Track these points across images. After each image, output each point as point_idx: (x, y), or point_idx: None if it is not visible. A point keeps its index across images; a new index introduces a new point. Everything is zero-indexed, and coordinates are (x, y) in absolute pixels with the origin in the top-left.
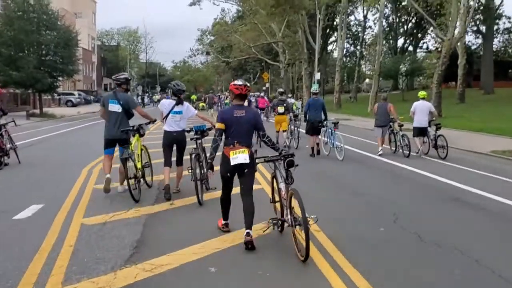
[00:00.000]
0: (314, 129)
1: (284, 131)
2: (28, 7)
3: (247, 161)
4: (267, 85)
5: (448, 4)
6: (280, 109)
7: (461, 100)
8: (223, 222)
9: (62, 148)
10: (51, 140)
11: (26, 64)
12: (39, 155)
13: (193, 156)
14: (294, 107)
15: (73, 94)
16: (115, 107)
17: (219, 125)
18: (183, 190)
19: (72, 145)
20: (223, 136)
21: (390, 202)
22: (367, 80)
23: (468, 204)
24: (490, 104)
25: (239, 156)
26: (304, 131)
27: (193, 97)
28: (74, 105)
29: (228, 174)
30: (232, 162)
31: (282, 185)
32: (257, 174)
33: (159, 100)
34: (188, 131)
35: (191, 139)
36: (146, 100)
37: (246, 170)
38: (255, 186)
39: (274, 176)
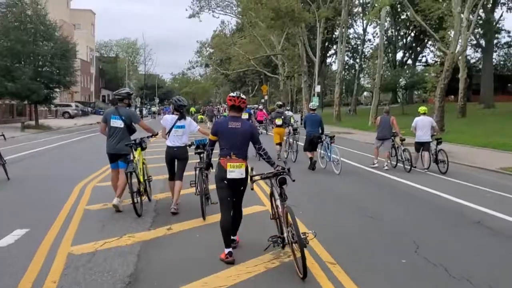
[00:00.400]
0: (312, 144)
1: (280, 143)
2: (25, 18)
3: (244, 176)
4: (266, 97)
5: (450, 18)
6: (278, 121)
7: (462, 114)
8: (226, 251)
9: (55, 163)
10: (45, 153)
11: (22, 75)
12: (30, 170)
13: (197, 170)
14: (292, 120)
15: (70, 106)
16: (117, 123)
17: (211, 137)
18: (182, 210)
19: (66, 159)
20: (214, 147)
21: (407, 226)
22: (365, 93)
23: (492, 229)
24: (492, 119)
25: (236, 171)
26: (301, 144)
27: (192, 109)
28: (71, 116)
29: (225, 181)
30: (229, 175)
31: (278, 202)
32: (261, 194)
33: (156, 112)
34: (189, 146)
35: (195, 153)
36: (144, 112)
37: (242, 188)
38: (260, 208)
39: (271, 193)
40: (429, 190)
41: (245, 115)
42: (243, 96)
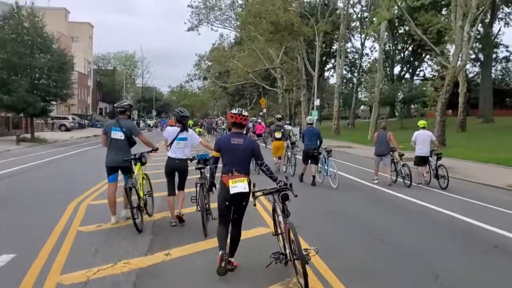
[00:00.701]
0: (309, 157)
1: (279, 157)
2: (22, 30)
3: (247, 190)
4: (264, 110)
5: (449, 32)
6: (278, 135)
7: (462, 128)
8: (220, 253)
9: (49, 178)
10: (39, 168)
11: (18, 87)
12: (22, 186)
13: (198, 186)
14: (291, 134)
15: (67, 118)
16: (118, 135)
17: (214, 153)
18: (182, 228)
19: (61, 174)
20: (218, 164)
21: (421, 250)
22: (362, 107)
23: None
24: (492, 133)
25: (239, 185)
26: (300, 157)
27: (190, 122)
28: (67, 129)
29: (227, 202)
30: (232, 191)
31: (281, 218)
32: (264, 214)
33: (152, 125)
34: (191, 160)
35: (196, 168)
36: (141, 125)
37: (244, 203)
38: (264, 230)
39: (274, 209)
40: (436, 208)
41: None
42: (245, 113)
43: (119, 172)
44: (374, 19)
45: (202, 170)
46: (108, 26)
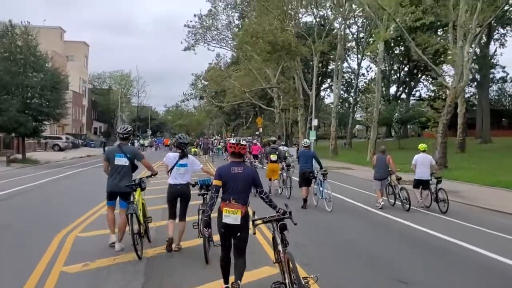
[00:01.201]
0: (305, 180)
1: (275, 179)
2: (15, 48)
3: (238, 222)
4: (261, 129)
5: (448, 52)
6: (273, 157)
7: (462, 149)
8: (223, 286)
9: (36, 205)
10: (27, 193)
11: (9, 107)
12: (7, 216)
13: (200, 212)
14: (287, 154)
15: (60, 138)
16: (122, 161)
17: (216, 182)
18: (183, 258)
19: (50, 200)
20: (219, 193)
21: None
22: (357, 126)
23: None
24: (492, 154)
25: (231, 216)
26: (296, 178)
27: (193, 149)
28: (61, 149)
29: (222, 230)
30: (223, 220)
31: (280, 247)
32: (270, 252)
33: (146, 145)
34: (193, 185)
35: (199, 194)
36: (136, 144)
37: (239, 234)
38: (270, 271)
39: (274, 237)
40: (447, 238)
41: None
42: (243, 143)
43: (118, 198)
44: (371, 39)
45: (205, 196)
46: (104, 45)
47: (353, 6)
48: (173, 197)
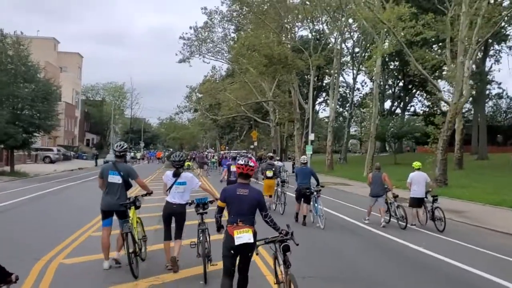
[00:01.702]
0: (302, 196)
1: (270, 196)
2: (6, 58)
3: (252, 240)
4: (255, 143)
5: (447, 67)
6: (269, 173)
7: (460, 166)
8: None
9: (14, 227)
10: (6, 212)
11: None
12: None
13: (199, 231)
14: (282, 170)
15: (51, 150)
16: (116, 178)
17: (220, 204)
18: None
19: (33, 219)
20: (223, 214)
21: None
22: (351, 141)
23: None
24: (490, 171)
25: (244, 236)
26: (290, 194)
27: (187, 163)
28: (52, 161)
29: (232, 251)
30: (237, 242)
31: (282, 268)
32: (270, 278)
33: (140, 158)
34: (190, 204)
35: (197, 213)
36: (127, 157)
37: (250, 254)
38: None
39: (275, 257)
40: (453, 262)
41: (234, 167)
42: (251, 164)
43: (114, 215)
44: (366, 54)
45: (203, 215)
46: (98, 57)
47: (350, 20)
48: (168, 215)
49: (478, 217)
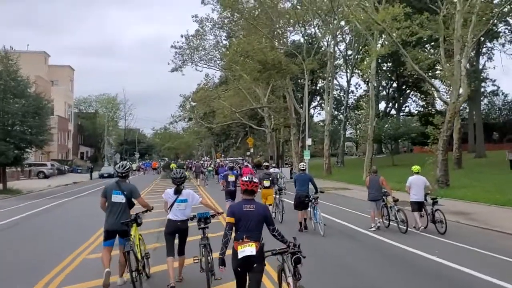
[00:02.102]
0: (301, 203)
1: (269, 205)
2: None
3: (253, 253)
4: (252, 150)
5: (444, 67)
6: (266, 183)
7: (459, 165)
8: None
9: (9, 248)
10: (2, 231)
11: None
12: None
13: (201, 246)
14: (279, 176)
15: (45, 165)
16: (119, 198)
17: (229, 219)
18: None
19: (26, 240)
20: (233, 230)
21: None
22: (347, 143)
23: None
24: (489, 170)
25: (246, 249)
26: (288, 201)
27: (173, 165)
28: (46, 176)
29: (239, 269)
30: (240, 255)
31: (291, 280)
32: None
33: (135, 169)
34: (191, 219)
35: (199, 228)
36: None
37: (255, 266)
38: None
39: (282, 269)
40: (456, 266)
41: (231, 177)
42: (255, 180)
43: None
44: (359, 56)
45: (205, 230)
46: (90, 69)
47: (342, 23)
48: (171, 232)
49: (486, 219)
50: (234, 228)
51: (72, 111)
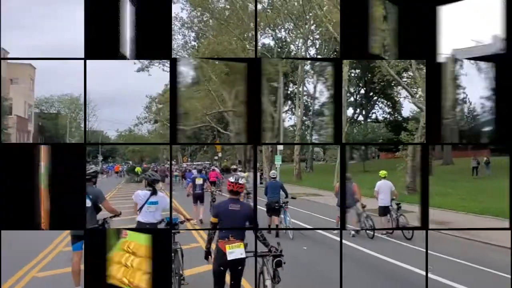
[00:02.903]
0: (272, 210)
1: None
2: None
3: (244, 255)
4: (220, 154)
5: (404, 74)
6: None
7: (429, 172)
8: None
9: None
10: None
11: None
12: None
13: (178, 251)
14: (244, 180)
15: None
16: (86, 202)
17: (213, 220)
18: None
19: None
20: (217, 231)
21: None
22: (315, 149)
23: None
24: (460, 177)
25: (236, 251)
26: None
27: (138, 169)
28: None
29: (222, 268)
30: (229, 257)
31: (268, 283)
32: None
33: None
34: (160, 223)
35: (172, 232)
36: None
37: (240, 268)
38: None
39: (261, 272)
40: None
41: (199, 180)
42: (241, 182)
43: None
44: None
45: (175, 235)
46: (53, 69)
47: (312, 27)
48: None
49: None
50: (218, 226)
51: (32, 111)
